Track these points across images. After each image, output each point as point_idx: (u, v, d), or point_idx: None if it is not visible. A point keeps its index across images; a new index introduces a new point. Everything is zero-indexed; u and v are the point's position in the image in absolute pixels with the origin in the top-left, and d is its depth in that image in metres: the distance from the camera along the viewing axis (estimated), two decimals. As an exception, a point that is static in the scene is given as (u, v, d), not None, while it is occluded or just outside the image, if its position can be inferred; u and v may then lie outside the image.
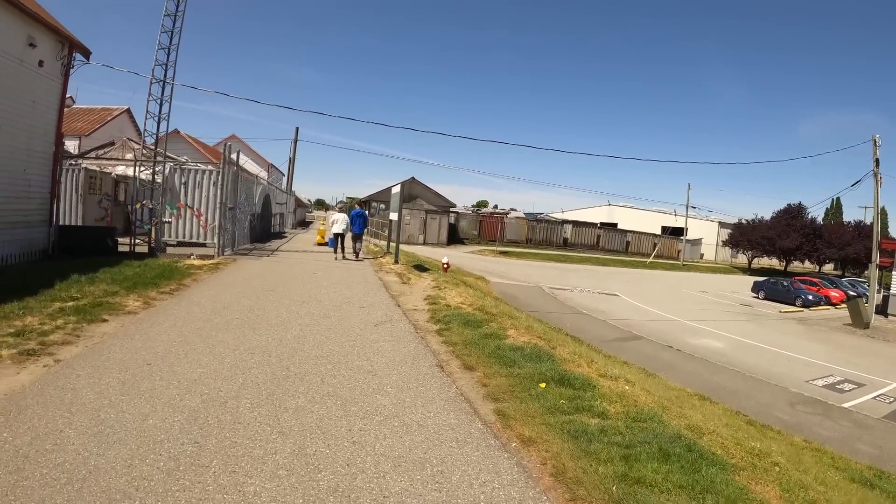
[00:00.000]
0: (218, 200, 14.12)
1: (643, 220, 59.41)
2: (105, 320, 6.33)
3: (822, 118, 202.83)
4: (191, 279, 9.77)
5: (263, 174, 45.48)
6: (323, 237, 21.51)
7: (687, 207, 51.23)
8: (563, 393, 4.67)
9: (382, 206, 40.85)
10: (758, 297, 29.88)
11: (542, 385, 4.83)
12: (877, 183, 22.49)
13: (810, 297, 28.27)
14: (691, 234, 52.60)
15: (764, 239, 47.37)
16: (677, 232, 53.25)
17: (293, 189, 43.18)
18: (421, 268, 16.05)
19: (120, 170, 16.67)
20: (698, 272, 44.69)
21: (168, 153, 18.51)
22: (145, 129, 13.43)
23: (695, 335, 16.88)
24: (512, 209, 63.23)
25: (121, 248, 13.14)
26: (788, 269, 50.79)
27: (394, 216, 16.89)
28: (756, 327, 19.90)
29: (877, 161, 22.48)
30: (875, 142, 22.59)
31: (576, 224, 51.01)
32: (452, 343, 6.51)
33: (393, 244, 17.41)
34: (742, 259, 54.36)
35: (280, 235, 27.27)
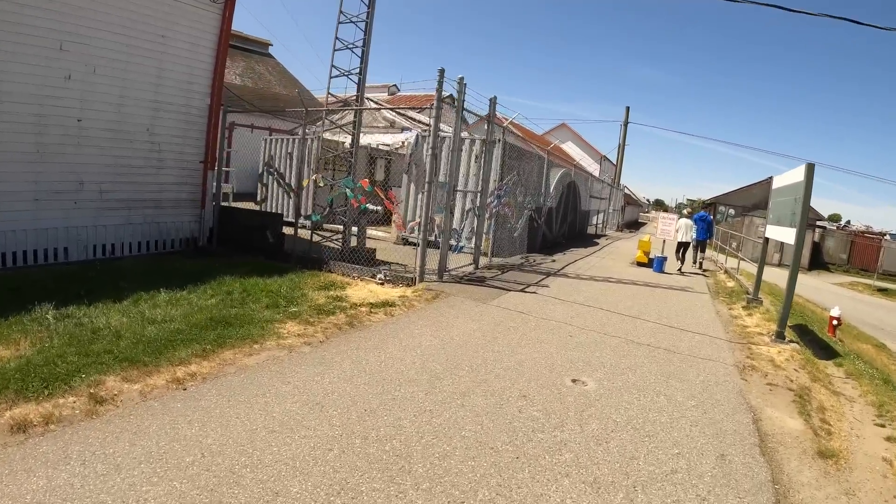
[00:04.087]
0: (435, 176, 8.21)
1: None
2: None
3: None
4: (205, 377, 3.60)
5: (595, 167, 40.49)
6: (646, 254, 13.71)
7: None
8: None
9: (731, 210, 34.00)
10: None
11: None
12: None
13: None
14: None
15: None
16: None
17: (622, 183, 35.51)
18: (814, 339, 7.46)
19: (364, 140, 13.02)
20: None
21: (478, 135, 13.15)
22: (333, 65, 8.65)
23: None
24: (868, 227, 46.28)
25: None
26: None
27: (776, 232, 7.84)
28: None
29: None
30: None
31: (973, 259, 33.98)
32: None
33: (772, 283, 9.47)
34: None
35: (590, 240, 19.96)
